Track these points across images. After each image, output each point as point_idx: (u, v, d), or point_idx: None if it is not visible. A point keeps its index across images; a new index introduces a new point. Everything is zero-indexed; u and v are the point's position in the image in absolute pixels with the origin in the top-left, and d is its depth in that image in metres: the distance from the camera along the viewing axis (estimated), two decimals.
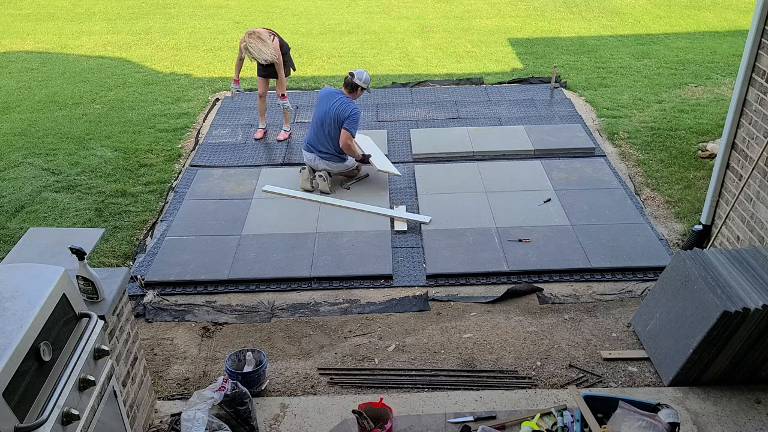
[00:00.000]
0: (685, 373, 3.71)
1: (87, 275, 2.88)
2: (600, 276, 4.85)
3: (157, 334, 4.37)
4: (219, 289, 4.81)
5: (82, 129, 7.48)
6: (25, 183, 6.31)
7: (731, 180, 4.76)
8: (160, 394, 3.84)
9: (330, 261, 5.03)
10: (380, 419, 3.39)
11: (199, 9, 12.90)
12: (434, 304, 4.61)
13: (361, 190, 6.05)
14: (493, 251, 5.09)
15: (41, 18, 12.45)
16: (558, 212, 5.61)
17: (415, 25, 11.55)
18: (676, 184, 6.10)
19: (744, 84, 4.50)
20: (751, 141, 4.48)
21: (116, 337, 3.08)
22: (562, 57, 9.69)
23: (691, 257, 3.92)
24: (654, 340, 4.00)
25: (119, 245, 5.34)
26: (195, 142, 7.15)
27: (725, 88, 8.33)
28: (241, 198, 5.95)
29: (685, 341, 3.69)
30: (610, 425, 3.19)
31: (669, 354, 3.81)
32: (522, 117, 7.57)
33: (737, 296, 3.55)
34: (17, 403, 2.17)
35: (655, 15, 11.95)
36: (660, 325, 3.96)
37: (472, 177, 6.23)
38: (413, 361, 4.07)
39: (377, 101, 8.12)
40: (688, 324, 3.70)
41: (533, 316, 4.45)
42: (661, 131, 7.15)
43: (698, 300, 3.66)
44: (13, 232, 5.51)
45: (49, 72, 9.44)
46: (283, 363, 4.07)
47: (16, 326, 2.28)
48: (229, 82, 8.80)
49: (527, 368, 3.99)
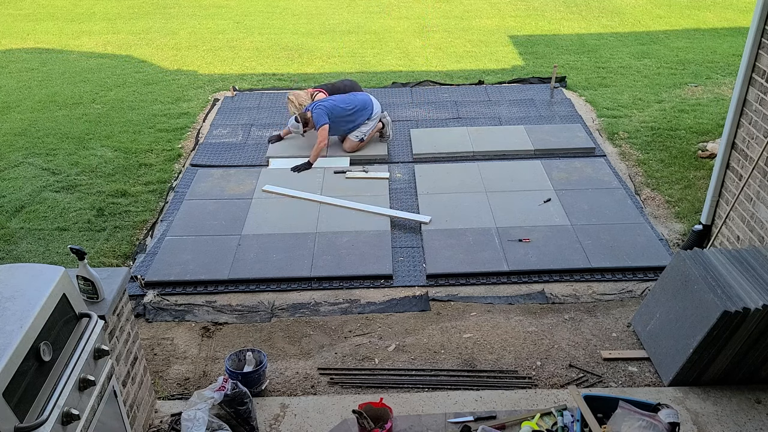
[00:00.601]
0: (686, 373, 3.71)
1: (87, 275, 2.88)
2: (600, 276, 4.85)
3: (157, 334, 4.37)
4: (219, 289, 4.81)
5: (82, 129, 7.48)
6: (25, 183, 6.31)
7: (731, 180, 4.76)
8: (160, 394, 3.84)
9: (330, 261, 5.03)
10: (380, 419, 3.39)
11: (199, 9, 12.90)
12: (434, 304, 4.61)
13: (361, 190, 6.05)
14: (493, 251, 5.09)
15: (41, 18, 12.45)
16: (558, 212, 5.61)
17: (415, 25, 11.55)
18: (676, 184, 6.10)
19: (744, 84, 4.50)
20: (751, 141, 4.48)
21: (116, 337, 3.08)
22: (562, 57, 9.69)
23: (691, 257, 3.92)
24: (654, 340, 4.00)
25: (119, 245, 5.34)
26: (195, 142, 7.15)
27: (725, 88, 8.33)
28: (241, 198, 5.95)
29: (685, 341, 3.69)
30: (610, 425, 3.19)
31: (669, 354, 3.81)
32: (522, 117, 7.57)
33: (737, 296, 3.54)
34: (17, 403, 2.17)
35: (655, 15, 11.95)
36: (660, 324, 3.96)
37: (472, 177, 6.23)
38: (413, 361, 4.07)
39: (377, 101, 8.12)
40: (688, 324, 3.70)
41: (533, 316, 4.45)
42: (661, 131, 7.15)
43: (698, 300, 3.66)
44: (13, 232, 5.51)
45: (49, 72, 9.44)
46: (283, 363, 4.07)
47: (16, 326, 2.29)
48: (230, 82, 8.82)
49: (527, 368, 3.99)
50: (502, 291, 4.73)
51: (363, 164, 6.54)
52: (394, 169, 6.47)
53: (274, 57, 9.92)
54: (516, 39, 10.66)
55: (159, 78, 9.11)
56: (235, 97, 8.32)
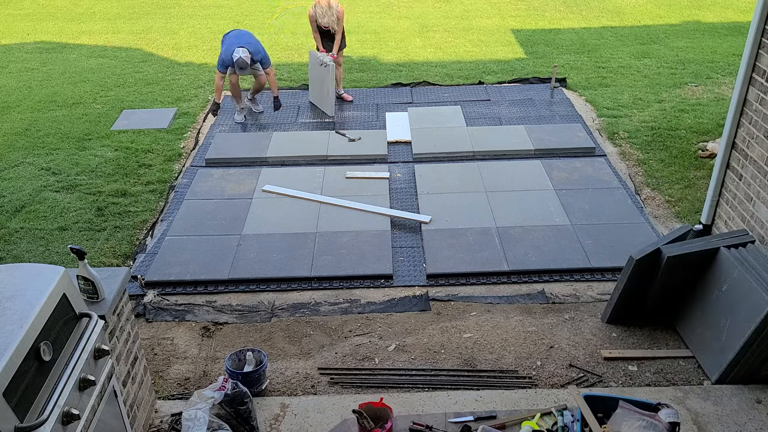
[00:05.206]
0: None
1: (87, 275, 2.88)
2: (600, 276, 4.85)
3: (158, 334, 4.37)
4: (219, 288, 4.81)
5: (82, 129, 7.48)
6: (25, 183, 6.31)
7: (731, 180, 4.76)
8: (160, 393, 3.84)
9: (330, 261, 5.03)
10: (380, 419, 3.39)
11: (199, 9, 12.90)
12: (434, 303, 4.61)
13: (361, 189, 6.05)
14: (494, 251, 5.09)
15: (41, 18, 12.45)
16: (558, 212, 5.60)
17: (415, 25, 11.55)
18: (676, 184, 6.10)
19: (744, 83, 4.50)
20: (751, 140, 4.48)
21: (116, 336, 3.08)
22: (563, 57, 9.69)
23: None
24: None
25: (119, 245, 5.34)
26: (195, 142, 7.15)
27: (725, 88, 8.33)
28: (241, 198, 5.95)
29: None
30: (610, 425, 3.19)
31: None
32: (522, 117, 7.57)
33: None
34: (17, 402, 2.17)
35: (656, 14, 11.95)
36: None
37: (473, 177, 6.23)
38: (413, 360, 4.07)
39: (377, 101, 8.12)
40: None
41: (533, 316, 4.45)
42: (661, 131, 7.15)
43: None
44: (13, 232, 5.51)
45: (49, 72, 9.44)
46: (284, 363, 4.07)
47: (16, 326, 2.29)
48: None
49: (527, 368, 3.99)
50: (502, 291, 4.73)
51: (363, 164, 6.54)
52: (394, 168, 6.48)
53: (274, 57, 9.90)
54: (516, 39, 10.66)
55: (159, 78, 9.11)
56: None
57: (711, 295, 3.92)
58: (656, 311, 4.26)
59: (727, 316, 3.74)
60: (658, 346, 4.13)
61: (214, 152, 6.73)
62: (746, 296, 3.63)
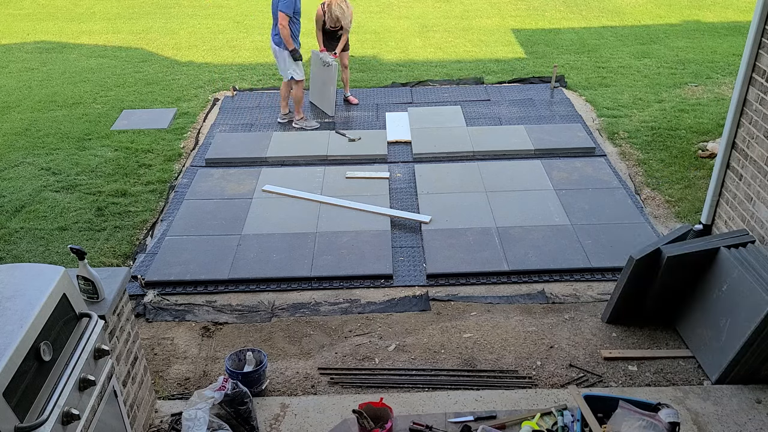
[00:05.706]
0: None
1: (87, 275, 2.88)
2: (600, 276, 4.85)
3: (158, 334, 4.37)
4: (219, 288, 4.81)
5: (82, 129, 7.48)
6: (25, 183, 6.31)
7: (731, 180, 4.76)
8: (160, 393, 3.84)
9: (330, 261, 5.03)
10: (380, 419, 3.39)
11: (199, 9, 12.90)
12: (434, 303, 4.61)
13: (361, 189, 6.05)
14: (494, 251, 5.09)
15: (41, 18, 12.45)
16: (558, 212, 5.60)
17: (415, 25, 11.54)
18: (676, 184, 6.10)
19: (744, 83, 4.50)
20: (751, 140, 4.48)
21: (116, 336, 3.08)
22: (563, 57, 9.69)
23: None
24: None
25: (119, 245, 5.34)
26: (195, 142, 7.15)
27: (725, 88, 8.33)
28: (241, 198, 5.95)
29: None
30: (610, 425, 3.19)
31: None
32: (522, 117, 7.57)
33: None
34: (17, 403, 2.17)
35: (656, 14, 11.95)
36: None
37: (473, 177, 6.23)
38: (413, 360, 4.07)
39: (377, 101, 8.12)
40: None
41: (533, 316, 4.45)
42: (661, 131, 7.15)
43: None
44: (13, 232, 5.51)
45: (49, 72, 9.44)
46: (284, 363, 4.07)
47: (16, 326, 2.28)
48: (230, 82, 8.81)
49: (527, 368, 3.99)
50: (502, 291, 4.73)
51: (363, 164, 6.55)
52: (394, 168, 6.48)
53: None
54: (516, 39, 10.66)
55: (159, 78, 9.11)
56: (235, 96, 8.32)
57: (711, 295, 3.92)
58: (656, 311, 4.26)
59: (727, 316, 3.74)
60: (658, 346, 4.13)
61: (214, 152, 6.74)
62: (746, 296, 3.63)
